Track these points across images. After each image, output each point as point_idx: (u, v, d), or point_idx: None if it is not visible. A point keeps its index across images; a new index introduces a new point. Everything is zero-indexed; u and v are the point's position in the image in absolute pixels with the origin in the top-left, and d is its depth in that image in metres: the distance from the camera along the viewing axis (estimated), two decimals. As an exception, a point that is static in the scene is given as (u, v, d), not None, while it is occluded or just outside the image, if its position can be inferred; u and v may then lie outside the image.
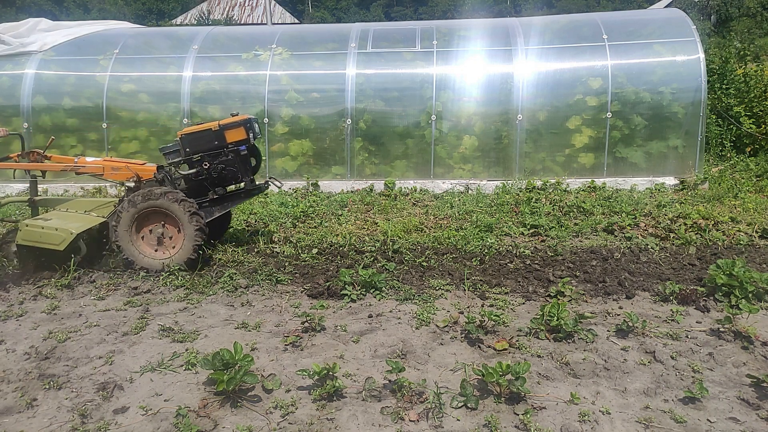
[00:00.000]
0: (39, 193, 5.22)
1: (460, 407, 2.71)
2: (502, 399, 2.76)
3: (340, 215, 6.21)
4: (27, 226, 4.45)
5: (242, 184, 4.86)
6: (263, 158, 6.77)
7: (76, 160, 4.91)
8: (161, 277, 4.44)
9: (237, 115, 4.80)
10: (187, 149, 4.71)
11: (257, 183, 4.94)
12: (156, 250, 4.59)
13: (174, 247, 4.57)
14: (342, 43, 7.93)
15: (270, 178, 5.15)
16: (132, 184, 4.82)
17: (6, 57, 7.90)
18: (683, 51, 7.31)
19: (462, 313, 3.74)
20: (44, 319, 3.83)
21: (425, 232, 5.61)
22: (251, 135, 4.75)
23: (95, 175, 4.88)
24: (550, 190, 7.05)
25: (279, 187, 5.30)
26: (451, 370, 3.08)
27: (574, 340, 3.36)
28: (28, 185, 7.56)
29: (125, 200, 4.54)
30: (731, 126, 8.54)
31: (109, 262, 4.72)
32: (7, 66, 7.86)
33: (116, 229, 4.51)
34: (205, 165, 4.70)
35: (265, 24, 27.33)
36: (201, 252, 4.56)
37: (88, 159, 4.95)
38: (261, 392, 2.87)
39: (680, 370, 3.04)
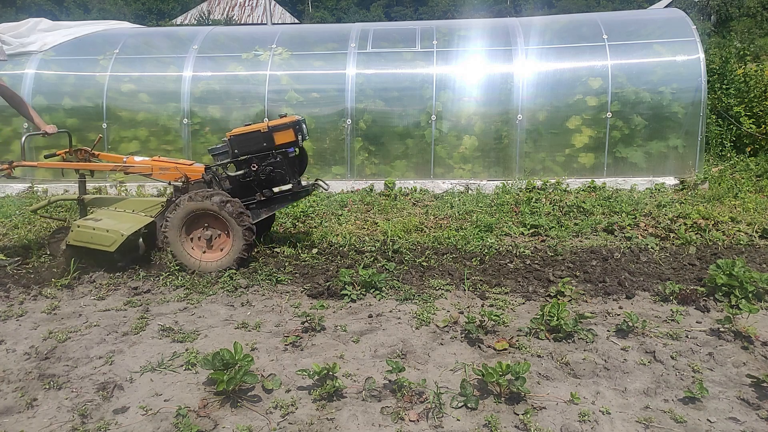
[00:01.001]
0: (88, 192, 5.13)
1: (460, 407, 2.71)
2: (502, 399, 2.76)
3: (340, 215, 6.21)
4: (78, 226, 4.42)
5: (289, 186, 4.78)
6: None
7: (125, 159, 4.86)
8: (161, 277, 4.44)
9: (285, 116, 4.74)
10: (236, 150, 4.66)
11: (303, 184, 4.87)
12: (204, 252, 4.56)
13: (222, 250, 4.54)
14: (342, 43, 7.93)
15: (316, 180, 5.07)
16: (178, 185, 4.77)
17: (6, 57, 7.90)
18: (683, 51, 7.31)
19: (462, 313, 3.74)
20: (44, 319, 3.83)
21: (425, 232, 5.61)
22: (300, 137, 4.69)
23: (143, 175, 4.83)
24: (550, 190, 7.05)
25: (326, 189, 5.25)
26: (451, 370, 3.08)
27: (574, 340, 3.37)
28: (28, 185, 7.63)
29: (175, 202, 4.50)
30: (731, 126, 8.54)
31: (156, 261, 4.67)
32: (7, 66, 7.85)
33: (166, 230, 4.48)
34: (254, 166, 4.64)
35: (265, 24, 27.35)
36: (249, 255, 4.54)
37: (137, 158, 4.89)
38: (261, 392, 2.87)
39: (680, 370, 3.04)
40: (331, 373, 2.81)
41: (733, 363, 3.11)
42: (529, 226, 5.63)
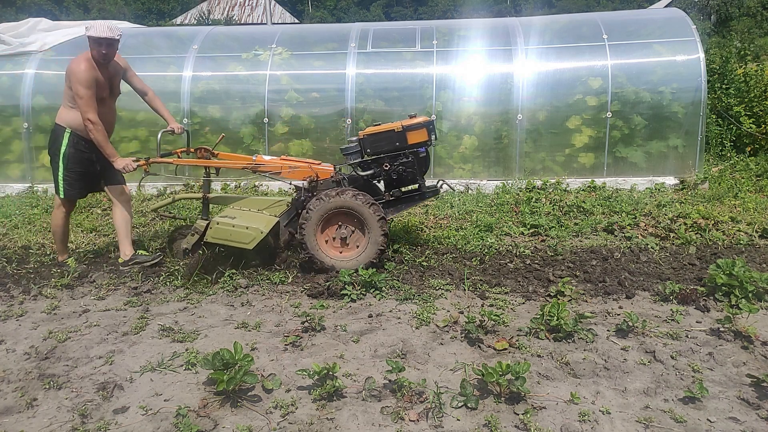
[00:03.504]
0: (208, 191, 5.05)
1: (460, 407, 2.71)
2: (502, 399, 2.76)
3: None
4: (218, 224, 4.40)
5: (418, 186, 4.73)
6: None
7: (254, 158, 4.82)
8: (161, 277, 4.44)
9: (415, 116, 4.68)
10: (368, 150, 4.63)
11: (428, 184, 4.80)
12: (340, 252, 4.53)
13: (358, 247, 4.51)
14: (342, 43, 7.93)
15: (440, 180, 5.00)
16: (302, 184, 4.73)
17: (6, 57, 7.90)
18: (683, 51, 7.30)
19: (462, 312, 3.74)
20: (44, 318, 3.83)
21: (425, 231, 5.61)
22: (433, 137, 4.64)
23: (271, 174, 4.79)
24: (550, 190, 7.05)
25: (453, 190, 5.16)
26: (451, 369, 3.08)
27: (574, 340, 3.37)
28: (28, 185, 7.63)
29: (316, 199, 4.44)
30: (731, 126, 8.54)
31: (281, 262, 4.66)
32: (7, 66, 7.86)
33: (302, 229, 4.43)
34: (386, 166, 4.61)
35: (265, 24, 27.35)
36: (384, 252, 4.51)
37: (266, 157, 4.86)
38: (261, 392, 2.87)
39: (680, 369, 3.04)
40: (331, 373, 2.81)
41: (733, 363, 3.11)
42: (529, 226, 5.63)
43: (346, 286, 4.08)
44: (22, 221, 6.19)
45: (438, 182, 4.96)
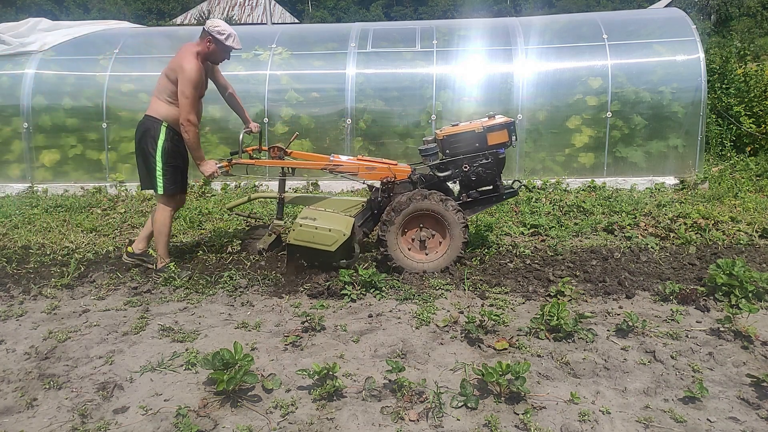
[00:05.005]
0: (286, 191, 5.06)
1: (460, 407, 2.71)
2: (502, 399, 2.76)
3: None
4: (301, 225, 4.34)
5: (495, 187, 4.66)
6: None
7: (331, 158, 4.78)
8: (161, 277, 4.44)
9: (493, 116, 4.61)
10: (447, 151, 4.56)
11: (505, 185, 4.74)
12: (419, 253, 4.49)
13: (436, 253, 4.48)
14: (342, 42, 7.93)
15: (515, 181, 4.93)
16: (371, 184, 4.67)
17: (6, 57, 7.90)
18: (683, 51, 7.31)
19: (462, 312, 3.74)
20: (44, 318, 3.83)
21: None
22: (513, 138, 4.58)
23: (348, 174, 4.74)
24: (550, 190, 7.05)
25: (529, 189, 5.04)
26: (451, 369, 3.07)
27: (574, 340, 3.36)
28: (28, 185, 7.63)
29: (392, 202, 4.41)
30: (731, 126, 8.54)
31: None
32: (7, 66, 7.86)
33: (384, 231, 4.39)
34: (465, 167, 4.54)
35: (265, 24, 27.33)
36: (464, 254, 4.49)
37: (343, 158, 4.82)
38: (261, 392, 2.87)
39: (680, 369, 3.04)
40: (331, 372, 2.81)
41: (733, 363, 3.11)
42: (529, 226, 5.62)
43: (346, 286, 4.08)
44: (22, 221, 6.19)
45: (514, 182, 4.87)
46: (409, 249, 4.50)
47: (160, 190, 4.44)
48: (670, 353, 3.20)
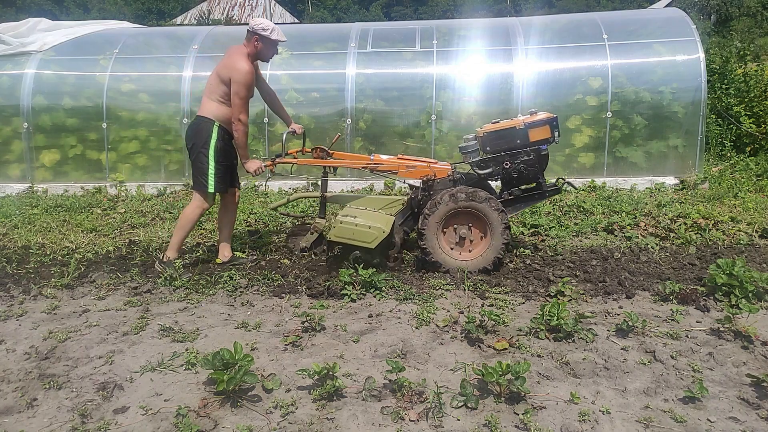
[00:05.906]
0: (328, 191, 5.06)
1: (460, 407, 2.71)
2: (502, 399, 2.76)
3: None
4: (341, 223, 4.36)
5: (538, 184, 4.61)
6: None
7: (371, 157, 4.79)
8: (161, 277, 4.44)
9: (536, 112, 4.54)
10: (487, 148, 4.52)
11: (548, 183, 4.66)
12: (470, 251, 4.47)
13: (474, 251, 4.46)
14: (342, 42, 7.93)
15: (559, 179, 4.82)
16: (412, 182, 4.67)
17: (6, 57, 7.90)
18: (683, 50, 7.31)
19: (462, 312, 3.74)
20: (44, 318, 3.83)
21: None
22: (556, 134, 4.49)
23: (389, 173, 4.73)
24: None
25: (575, 188, 5.02)
26: (451, 369, 3.07)
27: (574, 340, 3.36)
28: (28, 185, 7.63)
29: (445, 195, 4.36)
30: (731, 126, 8.54)
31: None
32: (7, 66, 7.87)
33: (423, 229, 4.37)
34: (506, 164, 4.49)
35: (265, 24, 27.27)
36: (497, 264, 4.43)
37: (383, 157, 4.83)
38: (261, 392, 2.87)
39: (680, 369, 3.04)
40: (331, 372, 2.81)
41: (733, 363, 3.11)
42: (529, 226, 5.62)
43: (346, 286, 4.08)
44: (22, 221, 6.19)
45: (558, 180, 4.78)
46: (452, 248, 4.47)
47: (211, 188, 4.54)
48: (670, 353, 3.20)
